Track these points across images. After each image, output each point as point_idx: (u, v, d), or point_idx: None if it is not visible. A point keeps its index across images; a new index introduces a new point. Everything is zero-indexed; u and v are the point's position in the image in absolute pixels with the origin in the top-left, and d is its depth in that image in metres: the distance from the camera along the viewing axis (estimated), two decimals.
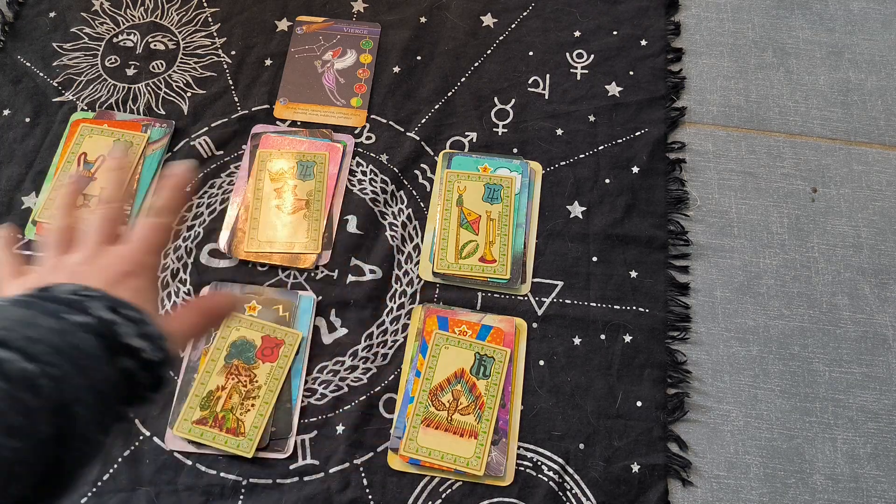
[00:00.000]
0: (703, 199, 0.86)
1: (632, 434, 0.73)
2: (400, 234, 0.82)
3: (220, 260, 0.81)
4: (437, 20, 0.95)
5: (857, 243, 0.83)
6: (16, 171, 0.86)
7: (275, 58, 0.93)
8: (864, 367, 0.77)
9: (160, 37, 0.94)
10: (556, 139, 0.88)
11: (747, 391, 0.76)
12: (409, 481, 0.71)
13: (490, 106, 0.90)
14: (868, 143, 0.89)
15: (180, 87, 0.91)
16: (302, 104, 0.90)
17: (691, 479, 0.72)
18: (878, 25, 0.96)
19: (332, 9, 0.97)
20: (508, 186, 0.84)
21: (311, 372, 0.76)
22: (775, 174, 0.87)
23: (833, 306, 0.80)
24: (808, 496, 0.72)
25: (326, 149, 0.86)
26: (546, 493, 0.70)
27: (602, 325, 0.78)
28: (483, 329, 0.77)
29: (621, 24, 0.95)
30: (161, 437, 0.72)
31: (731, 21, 0.97)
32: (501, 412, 0.73)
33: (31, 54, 0.93)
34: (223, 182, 0.85)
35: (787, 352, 0.78)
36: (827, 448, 0.74)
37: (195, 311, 0.43)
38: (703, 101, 0.91)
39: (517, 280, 0.79)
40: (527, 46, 0.94)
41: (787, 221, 0.85)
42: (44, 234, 0.43)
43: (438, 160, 0.86)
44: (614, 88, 0.91)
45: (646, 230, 0.82)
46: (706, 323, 0.79)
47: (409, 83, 0.91)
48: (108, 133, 0.87)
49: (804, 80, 0.93)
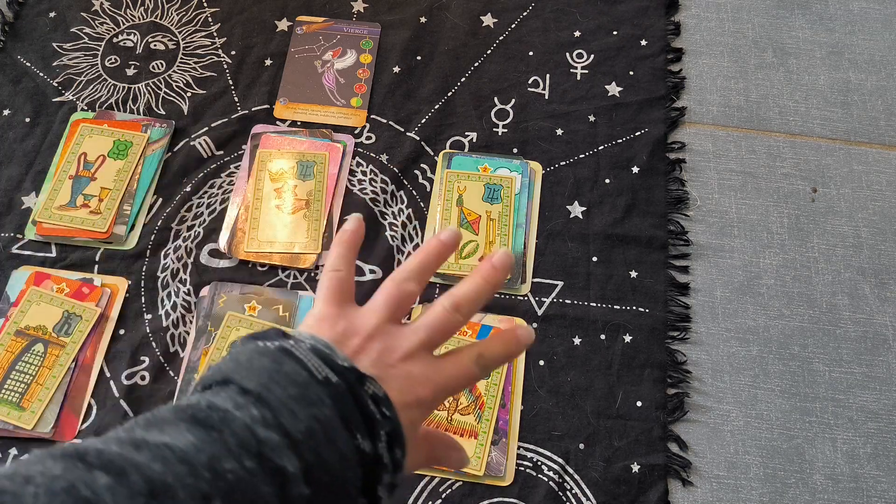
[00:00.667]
0: (703, 199, 0.86)
1: (632, 434, 0.73)
2: (400, 234, 0.82)
3: (220, 260, 0.81)
4: (437, 20, 0.95)
5: (857, 243, 0.83)
6: (16, 171, 0.86)
7: (275, 58, 0.93)
8: (864, 367, 0.77)
9: (160, 37, 0.94)
10: (556, 139, 0.88)
11: (747, 391, 0.76)
12: (409, 481, 0.71)
13: (490, 106, 0.90)
14: (868, 143, 0.89)
15: (180, 87, 0.91)
16: (302, 104, 0.90)
17: (691, 479, 0.72)
18: (878, 25, 0.96)
19: (332, 9, 0.97)
20: (508, 186, 0.84)
21: None
22: (775, 174, 0.87)
23: (833, 306, 0.80)
24: (808, 496, 0.72)
25: (326, 149, 0.86)
26: (546, 493, 0.70)
27: (602, 325, 0.78)
28: (483, 329, 0.77)
29: (621, 24, 0.95)
30: None
31: (731, 21, 0.97)
32: (501, 412, 0.73)
33: (31, 54, 0.93)
34: (223, 182, 0.85)
35: (787, 352, 0.78)
36: (827, 448, 0.74)
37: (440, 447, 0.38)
38: (703, 101, 0.91)
39: (517, 280, 0.79)
40: (527, 46, 0.94)
41: (787, 221, 0.85)
42: (329, 280, 0.38)
43: (438, 160, 0.86)
44: (614, 88, 0.91)
45: (646, 230, 0.82)
46: (706, 323, 0.79)
47: (409, 83, 0.91)
48: (108, 133, 0.87)
49: (804, 80, 0.93)
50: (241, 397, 0.29)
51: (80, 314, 0.77)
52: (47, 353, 0.75)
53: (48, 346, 0.75)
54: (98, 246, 0.81)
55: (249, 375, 0.30)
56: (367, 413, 0.31)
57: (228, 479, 0.27)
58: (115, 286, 0.79)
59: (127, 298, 0.79)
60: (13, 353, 0.75)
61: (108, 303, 0.78)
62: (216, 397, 0.30)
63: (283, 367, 0.30)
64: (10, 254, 0.81)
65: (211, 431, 0.28)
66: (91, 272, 0.80)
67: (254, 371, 0.30)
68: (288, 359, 0.31)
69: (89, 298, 0.78)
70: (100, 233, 0.81)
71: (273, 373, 0.30)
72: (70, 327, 0.76)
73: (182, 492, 0.25)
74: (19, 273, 0.80)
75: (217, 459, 0.27)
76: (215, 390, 0.30)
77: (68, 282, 0.79)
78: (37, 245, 0.82)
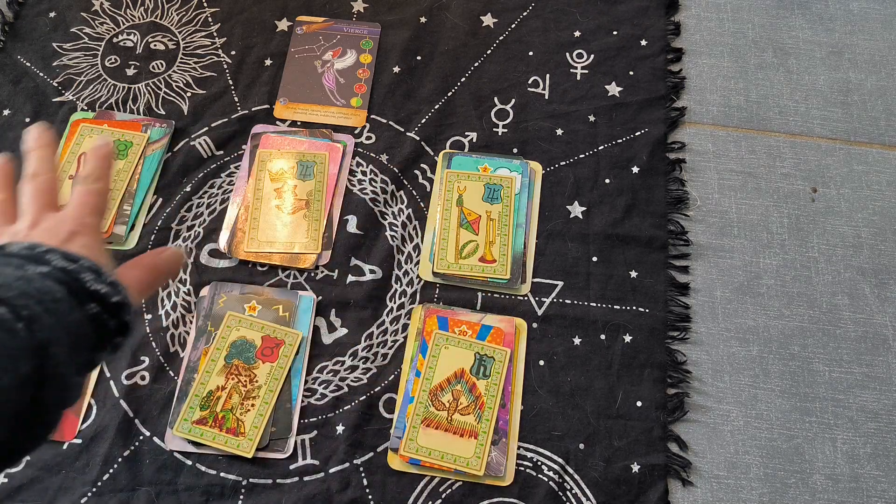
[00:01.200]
0: (703, 199, 0.86)
1: (632, 434, 0.73)
2: (400, 234, 0.82)
3: (220, 260, 0.81)
4: (437, 20, 0.95)
5: (857, 243, 0.83)
6: (16, 172, 0.86)
7: (275, 58, 0.93)
8: (864, 367, 0.77)
9: (160, 37, 0.94)
10: (556, 139, 0.88)
11: (747, 391, 0.76)
12: (409, 481, 0.71)
13: (490, 106, 0.90)
14: (868, 143, 0.89)
15: (180, 87, 0.91)
16: (302, 104, 0.90)
17: (691, 479, 0.72)
18: (878, 25, 0.96)
19: (332, 9, 0.97)
20: (508, 186, 0.84)
21: (311, 372, 0.76)
22: (775, 174, 0.87)
23: (833, 306, 0.80)
24: (808, 496, 0.72)
25: (326, 149, 0.86)
26: (546, 493, 0.70)
27: (602, 325, 0.78)
28: (483, 329, 0.77)
29: (621, 24, 0.95)
30: (161, 437, 0.72)
31: (731, 21, 0.97)
32: (501, 412, 0.73)
33: (31, 54, 0.93)
34: (223, 182, 0.85)
35: (787, 352, 0.78)
36: (827, 448, 0.74)
37: (141, 267, 0.44)
38: (703, 101, 0.91)
39: (517, 280, 0.79)
40: (527, 46, 0.94)
41: (787, 221, 0.85)
42: None
43: (438, 160, 0.86)
44: (614, 88, 0.91)
45: (646, 230, 0.82)
46: (706, 323, 0.79)
47: (409, 83, 0.91)
48: (108, 133, 0.87)
49: (804, 80, 0.93)
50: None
51: None
52: None
53: None
54: None
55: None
56: (26, 254, 0.37)
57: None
58: None
59: None
60: None
61: None
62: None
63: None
64: None
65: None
66: None
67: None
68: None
69: None
70: None
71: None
72: None
73: None
74: None
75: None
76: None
77: None
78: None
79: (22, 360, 0.32)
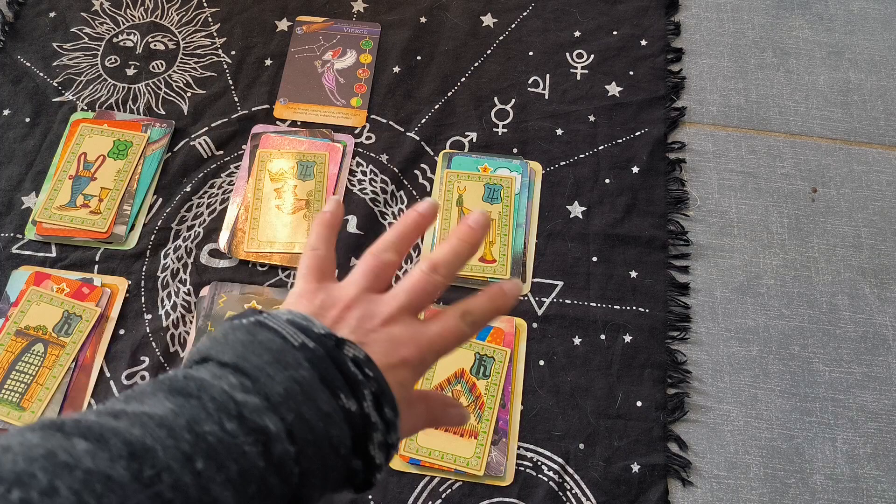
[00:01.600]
0: (703, 199, 0.86)
1: (632, 434, 0.73)
2: None
3: (220, 260, 0.81)
4: (437, 20, 0.95)
5: (857, 243, 0.83)
6: (16, 171, 0.86)
7: (275, 58, 0.93)
8: (864, 367, 0.77)
9: (160, 37, 0.94)
10: (556, 139, 0.88)
11: (747, 391, 0.76)
12: (409, 481, 0.71)
13: (490, 106, 0.90)
14: (868, 143, 0.89)
15: (180, 87, 0.91)
16: (302, 104, 0.90)
17: (691, 479, 0.72)
18: (878, 25, 0.96)
19: (332, 9, 0.97)
20: (508, 186, 0.84)
21: None
22: (775, 174, 0.87)
23: (833, 306, 0.80)
24: (808, 496, 0.72)
25: (326, 149, 0.86)
26: (546, 493, 0.70)
27: (602, 325, 0.78)
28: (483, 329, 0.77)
29: (621, 24, 0.95)
30: None
31: (731, 21, 0.97)
32: (501, 412, 0.73)
33: (31, 54, 0.93)
34: (223, 182, 0.85)
35: (787, 352, 0.78)
36: (827, 448, 0.74)
37: (431, 400, 0.38)
38: (703, 101, 0.91)
39: None
40: (527, 46, 0.94)
41: (787, 221, 0.85)
42: (308, 259, 0.39)
43: (438, 160, 0.86)
44: (614, 88, 0.91)
45: (646, 230, 0.82)
46: (706, 323, 0.79)
47: (409, 83, 0.91)
48: (108, 133, 0.87)
49: (804, 80, 0.93)
50: (219, 369, 0.30)
51: (80, 314, 0.77)
52: (47, 353, 0.75)
53: (48, 346, 0.75)
54: (98, 246, 0.82)
55: (225, 349, 0.30)
56: (348, 373, 0.31)
57: (209, 440, 0.27)
58: (115, 286, 0.79)
59: (127, 298, 0.79)
60: (13, 354, 0.75)
61: (108, 303, 0.78)
62: (194, 371, 0.30)
63: (257, 337, 0.31)
64: (11, 254, 0.81)
65: (189, 398, 0.28)
66: (91, 272, 0.80)
67: (229, 345, 0.31)
68: (263, 330, 0.31)
69: (89, 298, 0.78)
70: (100, 233, 0.81)
71: (248, 343, 0.30)
72: (70, 327, 0.76)
73: (163, 453, 0.26)
74: (19, 273, 0.80)
75: (196, 422, 0.27)
76: (194, 368, 0.31)
77: (68, 282, 0.79)
78: (37, 245, 0.82)
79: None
